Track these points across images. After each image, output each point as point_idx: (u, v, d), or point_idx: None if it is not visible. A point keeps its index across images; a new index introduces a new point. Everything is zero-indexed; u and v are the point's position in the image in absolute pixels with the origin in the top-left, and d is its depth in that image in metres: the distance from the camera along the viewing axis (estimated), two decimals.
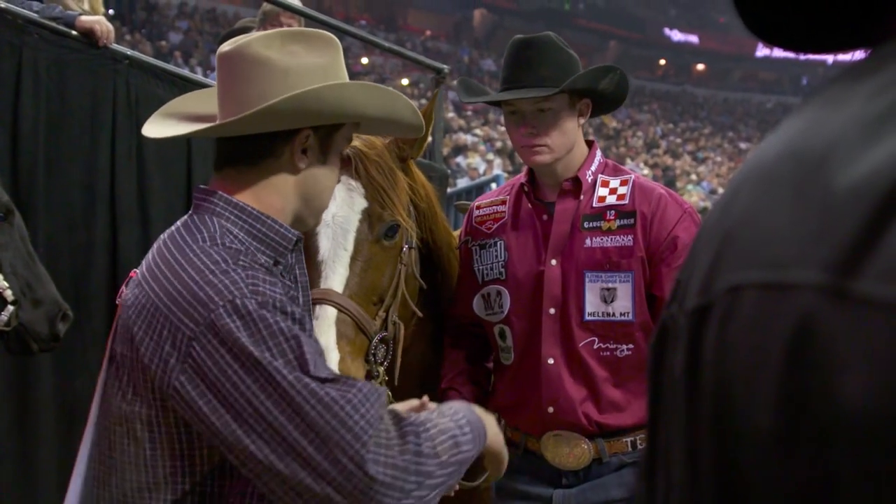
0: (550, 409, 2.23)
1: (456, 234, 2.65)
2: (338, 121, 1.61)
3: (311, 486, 1.33)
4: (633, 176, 2.28)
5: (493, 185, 7.50)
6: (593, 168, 2.29)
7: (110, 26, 3.46)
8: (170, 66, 3.96)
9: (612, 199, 2.22)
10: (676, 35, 46.05)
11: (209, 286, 1.37)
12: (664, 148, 27.21)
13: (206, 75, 8.09)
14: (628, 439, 2.23)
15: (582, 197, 2.25)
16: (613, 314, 2.17)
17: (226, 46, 1.58)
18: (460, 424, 1.50)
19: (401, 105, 1.68)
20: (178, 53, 19.63)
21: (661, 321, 0.54)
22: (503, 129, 21.29)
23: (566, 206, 2.26)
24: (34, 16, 3.32)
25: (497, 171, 13.94)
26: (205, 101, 1.71)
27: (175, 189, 3.60)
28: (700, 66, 46.37)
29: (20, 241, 2.57)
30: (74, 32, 3.37)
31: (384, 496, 1.34)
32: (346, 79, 1.63)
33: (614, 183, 2.26)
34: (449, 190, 6.48)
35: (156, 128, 1.69)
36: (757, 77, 47.83)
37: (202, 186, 1.59)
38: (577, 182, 2.26)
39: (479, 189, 7.81)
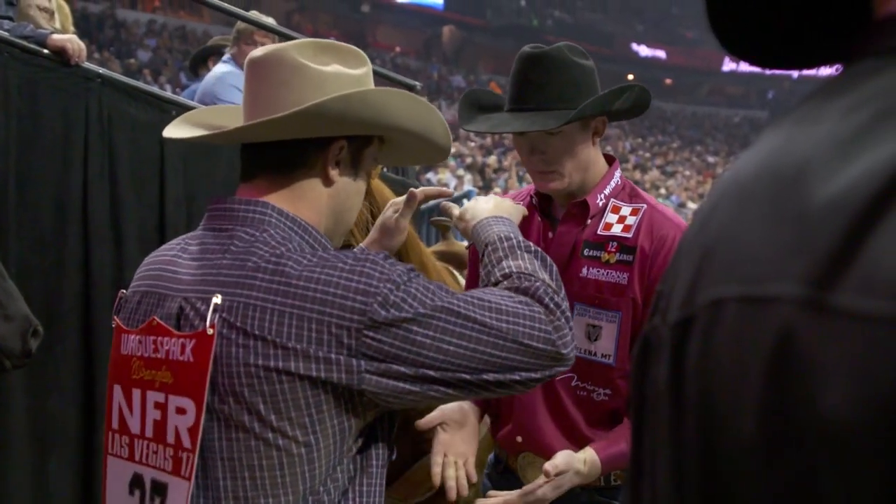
0: (519, 439, 2.14)
1: (430, 250, 2.63)
2: (376, 131, 1.58)
3: (512, 377, 1.46)
4: (645, 206, 2.07)
5: (465, 201, 7.46)
6: (607, 191, 2.10)
7: (82, 45, 3.43)
8: (142, 85, 3.92)
9: (617, 229, 2.04)
10: (644, 50, 46.33)
11: (356, 275, 1.38)
12: (633, 163, 27.25)
13: (175, 93, 8.02)
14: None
15: (589, 221, 2.08)
16: (595, 353, 2.04)
17: (258, 52, 1.57)
18: (526, 248, 1.63)
19: (436, 121, 1.64)
20: (147, 71, 19.50)
21: (643, 334, 0.54)
22: (473, 144, 21.35)
23: (569, 228, 2.10)
24: (5, 34, 3.28)
25: (468, 186, 13.93)
26: (224, 116, 1.69)
27: (149, 207, 3.56)
28: (668, 81, 46.65)
29: None
30: (46, 51, 3.35)
31: (566, 352, 1.50)
32: None
33: (625, 210, 2.07)
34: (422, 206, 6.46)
35: (179, 131, 1.66)
36: (724, 91, 48.20)
37: (240, 196, 1.54)
38: (584, 206, 2.08)
39: None
